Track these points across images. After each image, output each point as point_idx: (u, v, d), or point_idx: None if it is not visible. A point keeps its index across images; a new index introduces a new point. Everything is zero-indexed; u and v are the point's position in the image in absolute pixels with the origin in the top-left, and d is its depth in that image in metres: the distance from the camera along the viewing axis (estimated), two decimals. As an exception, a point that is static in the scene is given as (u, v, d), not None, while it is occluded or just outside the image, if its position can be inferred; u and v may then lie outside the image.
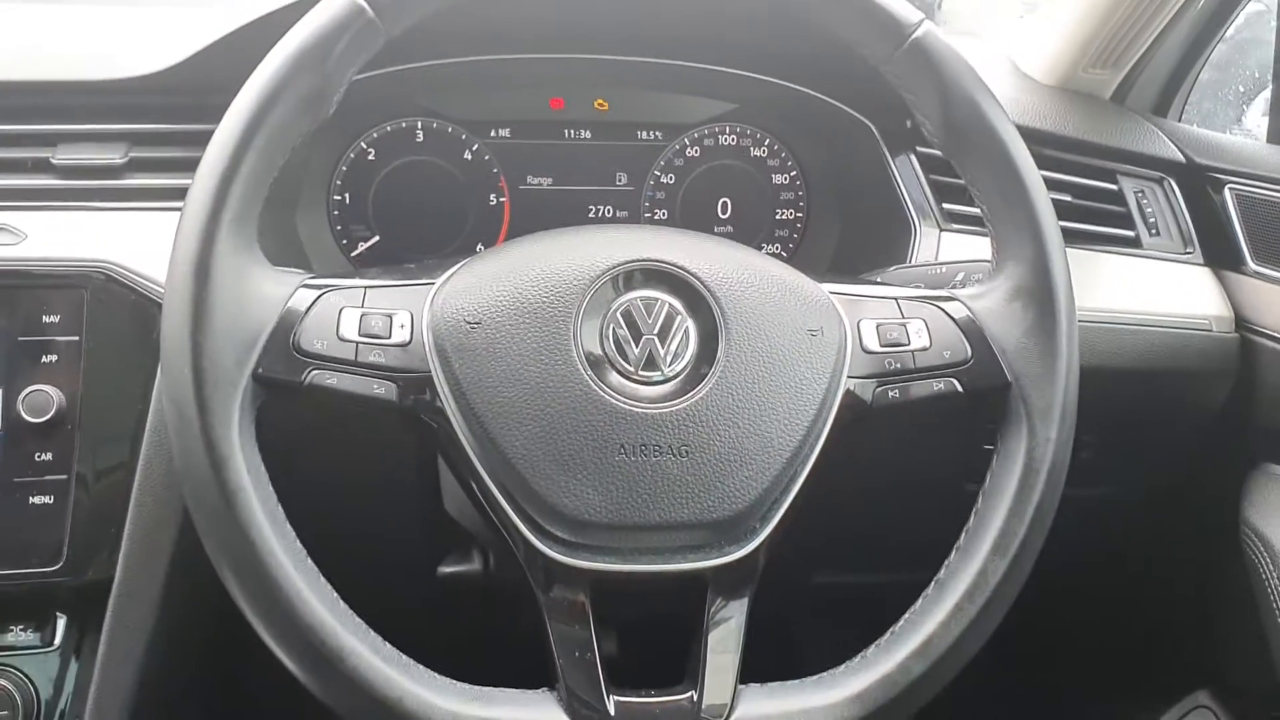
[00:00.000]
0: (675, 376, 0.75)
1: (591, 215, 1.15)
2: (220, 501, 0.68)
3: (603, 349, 0.74)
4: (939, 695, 0.76)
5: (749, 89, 1.13)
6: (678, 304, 0.76)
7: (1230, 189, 1.12)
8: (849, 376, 0.78)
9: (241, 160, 0.71)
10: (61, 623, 0.94)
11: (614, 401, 0.73)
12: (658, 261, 0.76)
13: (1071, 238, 1.08)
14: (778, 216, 1.18)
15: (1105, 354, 1.03)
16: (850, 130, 1.13)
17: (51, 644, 0.94)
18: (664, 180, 1.16)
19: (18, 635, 0.93)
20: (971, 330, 0.80)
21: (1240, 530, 1.09)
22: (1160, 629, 1.32)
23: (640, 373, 0.74)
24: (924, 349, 0.79)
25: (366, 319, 0.74)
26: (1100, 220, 1.12)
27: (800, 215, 1.18)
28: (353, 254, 1.11)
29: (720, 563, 0.74)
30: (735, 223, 1.17)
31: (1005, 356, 0.79)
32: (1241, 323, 1.09)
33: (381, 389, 0.73)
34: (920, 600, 0.77)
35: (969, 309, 0.81)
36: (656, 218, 1.16)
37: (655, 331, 0.75)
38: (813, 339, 0.77)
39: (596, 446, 0.72)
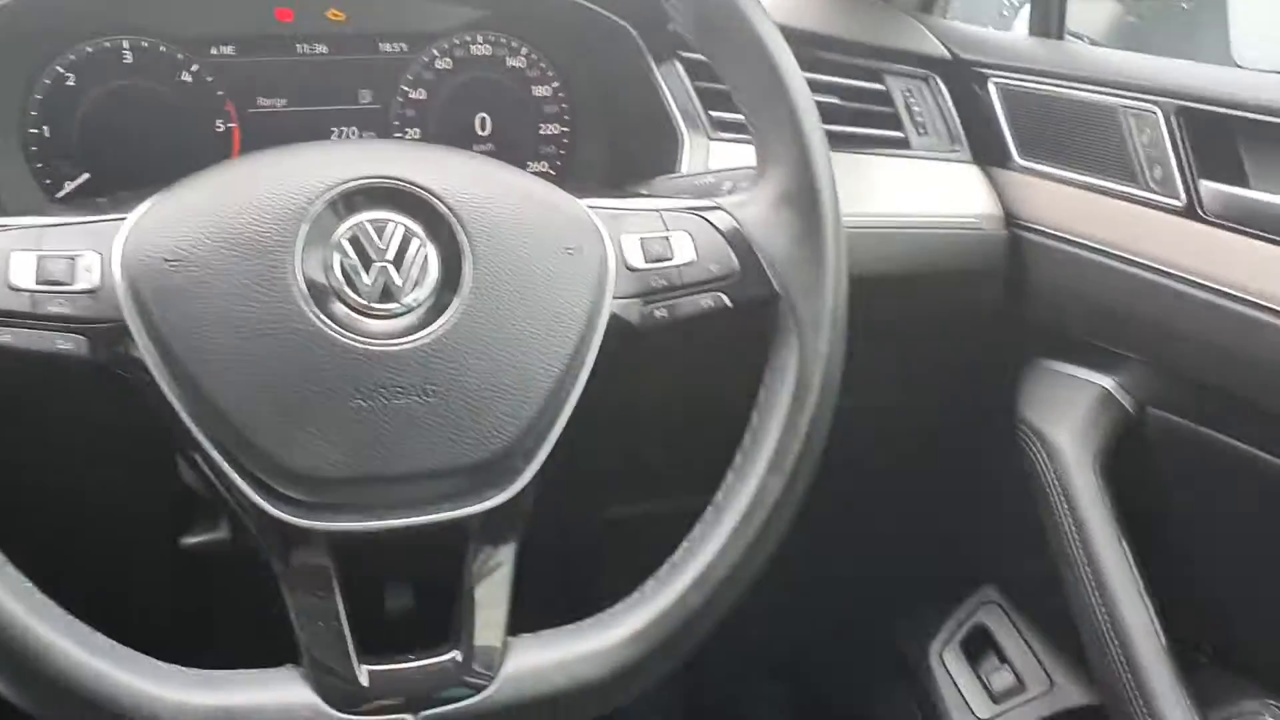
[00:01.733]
0: (416, 307, 0.67)
1: (334, 136, 1.05)
2: None
3: (328, 280, 0.66)
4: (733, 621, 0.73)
5: None
6: (415, 226, 0.69)
7: (994, 83, 1.11)
8: (613, 297, 0.72)
9: None
10: None
11: (344, 339, 0.65)
12: (387, 179, 0.68)
13: (840, 141, 1.05)
14: (541, 131, 1.11)
15: (877, 259, 1.00)
16: (611, 36, 1.06)
17: None
18: (414, 96, 1.06)
19: None
20: (738, 241, 0.75)
21: (1016, 425, 1.10)
22: (948, 529, 1.34)
23: (375, 305, 0.67)
24: (690, 263, 0.75)
25: (44, 263, 0.64)
26: (868, 122, 1.09)
27: (566, 130, 1.11)
28: (58, 195, 0.98)
29: (481, 509, 0.68)
30: (496, 140, 1.09)
31: (773, 267, 0.75)
32: (1010, 219, 1.09)
33: (67, 344, 0.64)
34: (696, 526, 0.73)
35: (735, 218, 0.76)
36: (408, 136, 1.07)
37: (390, 258, 0.67)
38: (570, 258, 0.72)
39: (327, 392, 0.64)
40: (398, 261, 0.67)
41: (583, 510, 1.03)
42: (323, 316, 0.65)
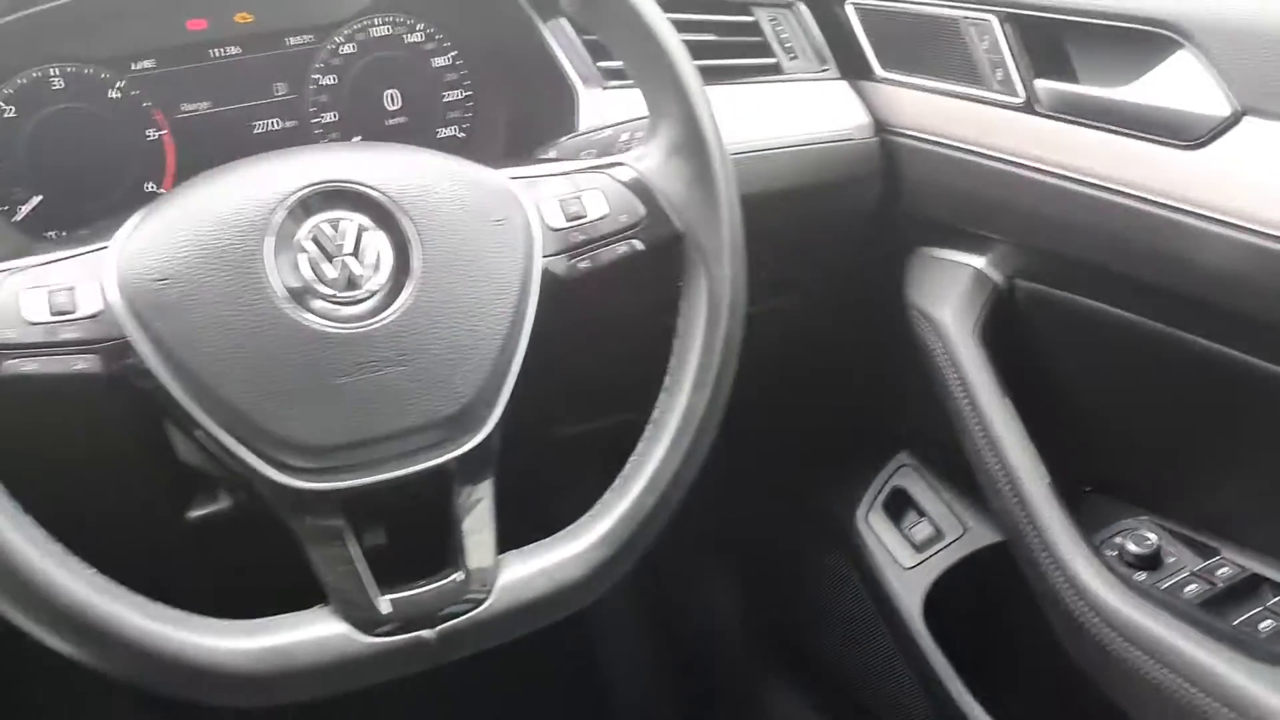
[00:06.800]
0: (378, 291, 0.78)
1: (258, 131, 1.13)
2: None
3: (299, 278, 0.76)
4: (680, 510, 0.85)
5: None
6: (365, 220, 0.78)
7: (851, 4, 1.21)
8: (542, 256, 0.83)
9: None
10: None
11: (322, 328, 0.75)
12: (333, 181, 0.78)
13: (718, 74, 1.16)
14: (446, 99, 1.20)
15: (765, 180, 1.11)
16: (497, 3, 1.15)
17: None
18: (325, 82, 1.15)
19: None
20: (641, 190, 0.86)
21: (907, 309, 1.23)
22: (862, 406, 1.47)
23: (342, 294, 0.77)
24: (603, 217, 0.85)
25: (52, 297, 0.73)
26: (742, 53, 1.19)
27: (469, 94, 1.20)
28: (14, 219, 1.05)
29: (459, 454, 0.79)
30: (408, 112, 1.18)
31: (674, 210, 0.86)
32: (880, 127, 1.20)
33: (82, 364, 0.72)
34: (640, 442, 0.85)
35: (636, 170, 0.87)
36: (326, 120, 1.15)
37: (348, 251, 0.77)
38: (500, 227, 0.82)
39: (316, 374, 0.75)
40: (356, 253, 0.78)
41: (536, 435, 1.14)
42: (301, 310, 0.75)
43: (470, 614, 0.78)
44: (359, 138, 1.16)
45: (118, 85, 1.07)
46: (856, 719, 1.48)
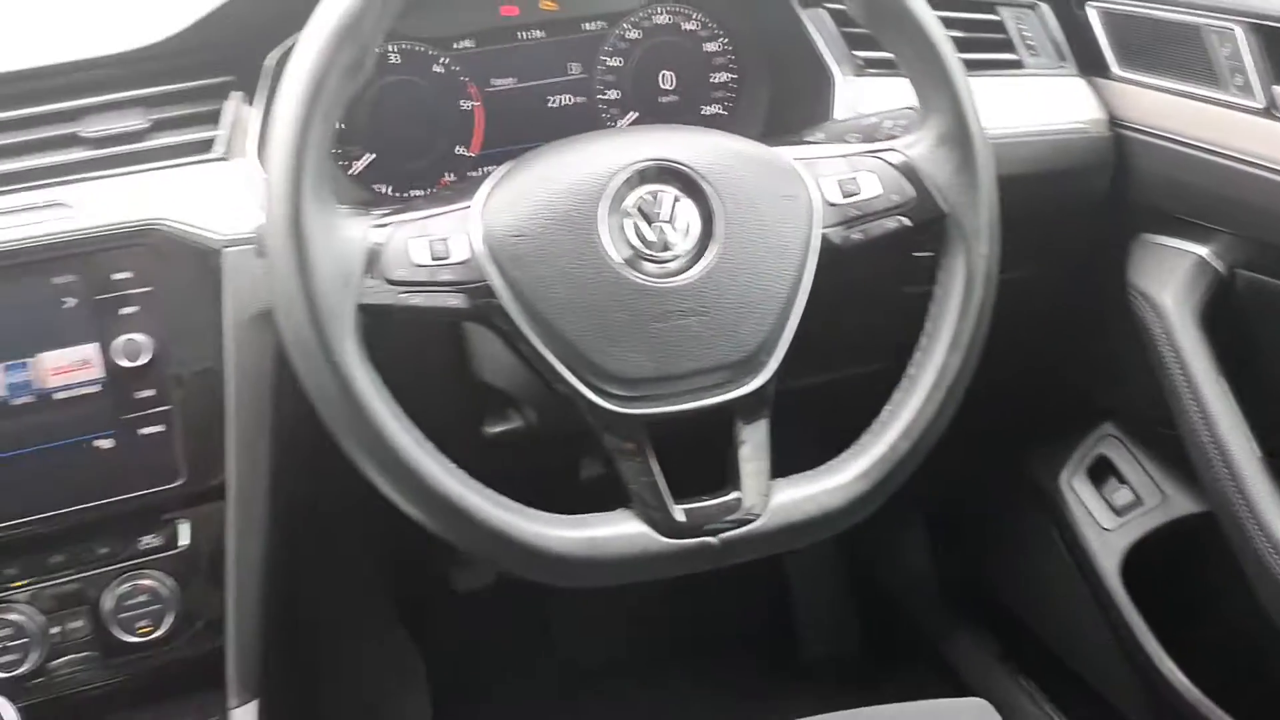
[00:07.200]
0: (686, 253, 0.92)
1: (552, 105, 1.29)
2: (354, 414, 0.84)
3: (625, 240, 0.91)
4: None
5: None
6: (679, 191, 0.93)
7: (1092, 6, 1.30)
8: (822, 228, 0.96)
9: (308, 134, 0.83)
10: (186, 528, 1.11)
11: (642, 282, 0.90)
12: (656, 159, 0.93)
13: (967, 68, 1.27)
14: (713, 80, 1.34)
15: (1005, 165, 1.18)
16: None
17: (176, 546, 1.11)
18: (611, 64, 1.30)
19: (149, 543, 1.10)
20: (910, 174, 0.98)
21: (1127, 290, 1.32)
22: (1072, 379, 1.56)
23: (659, 254, 0.91)
24: (876, 195, 0.97)
25: (433, 245, 0.89)
26: (987, 49, 1.30)
27: (734, 76, 1.34)
28: (350, 172, 1.24)
29: (742, 393, 0.93)
30: (679, 91, 1.33)
31: (940, 192, 0.98)
32: (1114, 122, 1.29)
33: (453, 300, 0.89)
34: (895, 393, 0.98)
35: (905, 156, 0.99)
36: (609, 97, 1.31)
37: (665, 219, 0.92)
38: (788, 202, 0.95)
39: (635, 319, 0.90)
40: (671, 219, 0.93)
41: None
42: (626, 267, 0.90)
43: (747, 527, 0.92)
44: (635, 113, 1.32)
45: (441, 61, 1.25)
46: (1053, 674, 1.58)
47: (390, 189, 1.26)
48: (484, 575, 1.82)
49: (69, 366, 1.03)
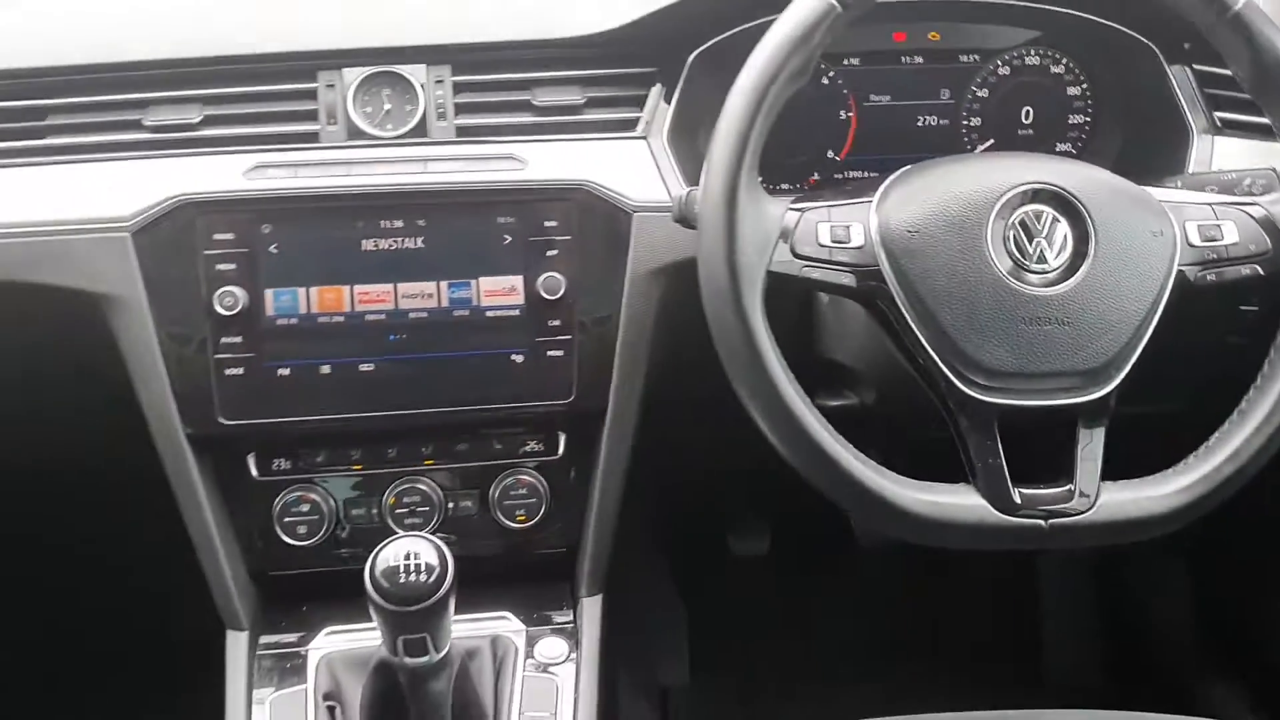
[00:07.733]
0: (1059, 268, 1.04)
1: (919, 124, 1.43)
2: (751, 358, 1.00)
3: (1006, 248, 1.04)
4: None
5: (1053, 19, 1.39)
6: (1057, 213, 1.05)
7: None
8: (1179, 265, 1.07)
9: (753, 124, 1.01)
10: (563, 439, 1.31)
11: (1017, 287, 1.03)
12: (1042, 183, 1.06)
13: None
14: (1070, 120, 1.45)
15: None
16: (1135, 50, 1.38)
17: (555, 453, 1.31)
18: (979, 94, 1.43)
19: (533, 447, 1.31)
20: (1270, 228, 1.08)
21: None
22: None
23: (1035, 265, 1.04)
24: (1234, 243, 1.07)
25: (834, 230, 1.05)
26: None
27: (1088, 120, 1.45)
28: None
29: (1088, 399, 1.04)
30: (1035, 127, 1.45)
31: None
32: None
33: (846, 278, 1.04)
34: (1226, 424, 1.07)
35: (1268, 211, 1.08)
36: (971, 124, 1.44)
37: (1043, 235, 1.05)
38: (1155, 239, 1.06)
39: (1005, 319, 1.03)
40: (1048, 237, 1.05)
41: None
42: (1005, 272, 1.03)
43: (1076, 517, 1.04)
44: (992, 140, 1.44)
45: (830, 74, 1.41)
46: None
47: (762, 181, 1.42)
48: (760, 544, 1.98)
49: (500, 291, 1.24)
